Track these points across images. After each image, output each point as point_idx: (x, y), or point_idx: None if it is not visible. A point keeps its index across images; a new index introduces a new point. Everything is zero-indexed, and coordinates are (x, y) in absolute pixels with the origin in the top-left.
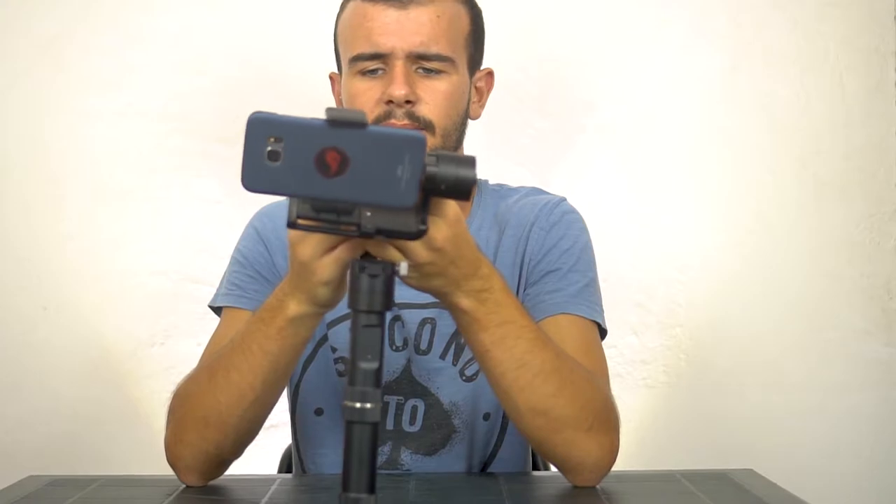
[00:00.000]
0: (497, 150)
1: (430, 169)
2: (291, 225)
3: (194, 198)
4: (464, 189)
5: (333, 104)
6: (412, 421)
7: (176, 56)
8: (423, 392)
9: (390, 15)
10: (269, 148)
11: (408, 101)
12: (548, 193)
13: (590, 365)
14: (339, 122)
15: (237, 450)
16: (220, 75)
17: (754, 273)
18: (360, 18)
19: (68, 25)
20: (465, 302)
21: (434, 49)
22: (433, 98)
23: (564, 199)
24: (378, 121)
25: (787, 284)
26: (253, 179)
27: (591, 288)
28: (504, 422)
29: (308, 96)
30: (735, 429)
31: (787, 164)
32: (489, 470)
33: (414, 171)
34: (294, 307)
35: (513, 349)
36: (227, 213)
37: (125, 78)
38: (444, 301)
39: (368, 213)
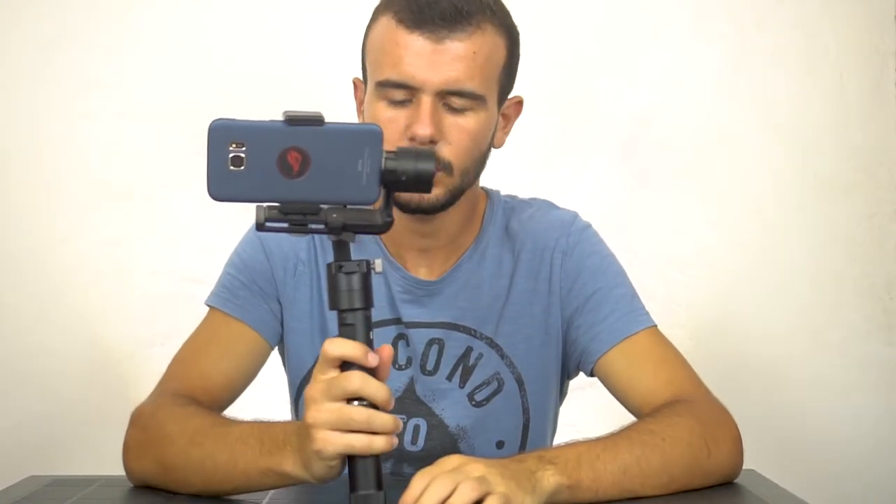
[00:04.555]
0: (496, 149)
1: (390, 163)
2: (260, 227)
3: (194, 198)
4: (424, 181)
5: (330, 103)
6: (414, 440)
7: (176, 56)
8: (426, 412)
9: (425, 47)
10: (231, 154)
11: (431, 141)
12: (559, 209)
13: (671, 372)
14: (297, 120)
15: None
16: (220, 75)
17: (755, 273)
18: (392, 44)
19: (68, 25)
20: (550, 485)
21: (468, 87)
22: (458, 138)
23: (577, 215)
24: None
25: (787, 285)
26: (219, 188)
27: (633, 297)
28: (521, 451)
29: (308, 96)
30: None
31: (787, 164)
32: None
33: (373, 164)
34: (290, 465)
35: (607, 474)
36: (227, 213)
37: (125, 78)
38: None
39: (335, 214)
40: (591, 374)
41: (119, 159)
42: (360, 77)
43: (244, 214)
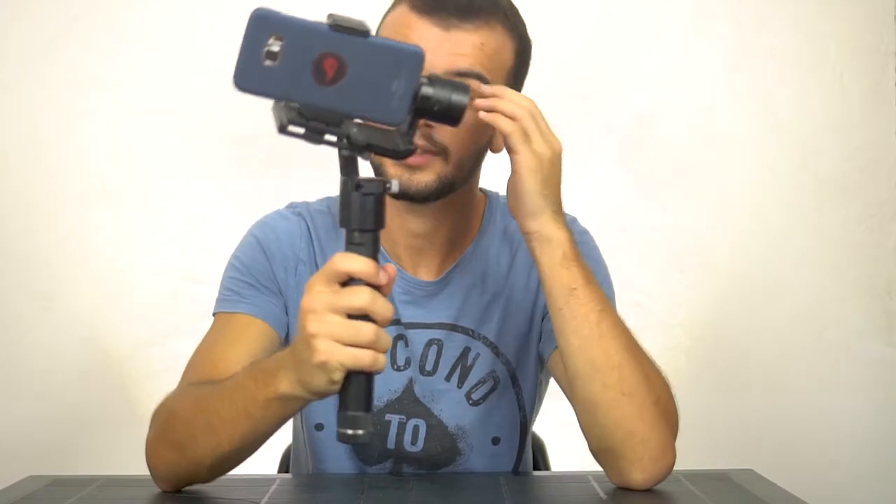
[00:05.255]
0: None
1: (425, 89)
2: (281, 129)
3: (194, 198)
4: (455, 114)
5: None
6: (414, 441)
7: (176, 56)
8: (425, 413)
9: (432, 32)
10: (268, 47)
11: (427, 125)
12: None
13: None
14: (342, 28)
15: (211, 479)
16: (220, 75)
17: (755, 273)
18: (402, 27)
19: (68, 25)
20: (562, 234)
21: (476, 69)
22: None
23: (575, 220)
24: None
25: (787, 284)
26: (246, 78)
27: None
28: (520, 451)
29: None
30: (735, 429)
31: (787, 164)
32: None
33: (408, 87)
34: (286, 386)
35: (597, 292)
36: (227, 213)
37: (125, 78)
38: (547, 225)
39: (355, 129)
40: (545, 362)
41: (119, 159)
42: None
43: (244, 214)
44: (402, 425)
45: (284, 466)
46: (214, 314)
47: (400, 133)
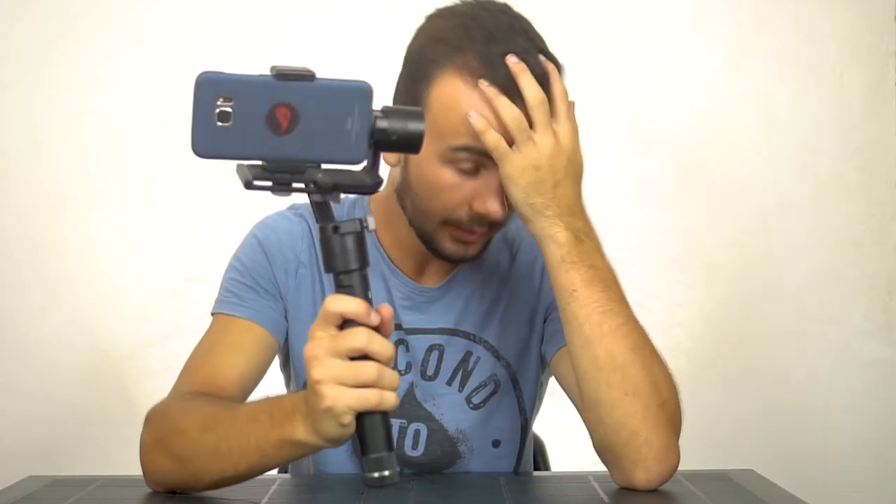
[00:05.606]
0: None
1: (381, 122)
2: (248, 186)
3: (194, 198)
4: (414, 141)
5: None
6: (415, 445)
7: (176, 56)
8: (426, 417)
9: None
10: (219, 109)
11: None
12: None
13: None
14: (287, 75)
15: (206, 490)
16: None
17: (755, 273)
18: (489, 112)
19: (68, 25)
20: (562, 235)
21: None
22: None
23: None
24: (456, 218)
25: (787, 284)
26: (204, 144)
27: None
28: (520, 452)
29: None
30: (735, 429)
31: (787, 164)
32: None
33: (363, 122)
34: (301, 432)
35: (602, 293)
36: (227, 213)
37: (125, 78)
38: (544, 229)
39: (320, 174)
40: (547, 363)
41: (119, 159)
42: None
43: (244, 214)
44: (403, 430)
45: (284, 467)
46: (213, 314)
47: (365, 170)
